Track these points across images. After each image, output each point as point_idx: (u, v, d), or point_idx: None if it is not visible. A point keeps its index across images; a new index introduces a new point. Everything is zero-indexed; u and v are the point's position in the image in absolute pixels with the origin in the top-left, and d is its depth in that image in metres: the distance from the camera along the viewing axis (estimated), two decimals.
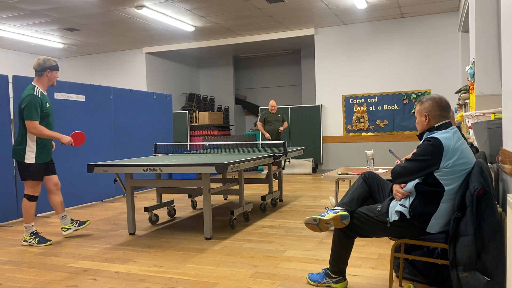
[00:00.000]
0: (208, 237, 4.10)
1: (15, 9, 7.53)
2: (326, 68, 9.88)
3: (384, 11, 8.67)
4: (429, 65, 9.07)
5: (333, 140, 9.86)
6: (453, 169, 2.30)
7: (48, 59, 4.08)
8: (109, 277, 3.12)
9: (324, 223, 2.53)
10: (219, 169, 3.73)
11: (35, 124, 3.91)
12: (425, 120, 2.47)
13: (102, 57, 11.80)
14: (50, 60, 4.09)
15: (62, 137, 4.07)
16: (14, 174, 5.19)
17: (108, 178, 6.45)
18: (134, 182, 4.39)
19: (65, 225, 4.37)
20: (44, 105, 4.00)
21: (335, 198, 4.40)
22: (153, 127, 7.80)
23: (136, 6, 7.65)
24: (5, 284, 3.03)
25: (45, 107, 4.02)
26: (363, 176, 2.80)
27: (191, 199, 5.84)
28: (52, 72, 4.08)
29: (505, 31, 2.35)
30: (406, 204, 2.41)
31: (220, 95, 13.46)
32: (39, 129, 3.93)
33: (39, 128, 3.93)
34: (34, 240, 4.10)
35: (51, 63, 4.08)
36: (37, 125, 3.93)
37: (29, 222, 4.13)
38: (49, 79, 4.10)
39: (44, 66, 4.04)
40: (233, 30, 9.78)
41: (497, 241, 2.12)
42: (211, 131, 11.53)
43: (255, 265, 3.28)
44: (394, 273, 2.85)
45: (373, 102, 9.51)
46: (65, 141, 4.09)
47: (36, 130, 3.92)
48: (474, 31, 4.83)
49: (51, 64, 4.07)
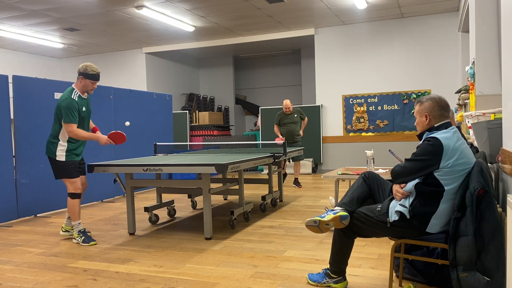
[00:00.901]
0: (208, 237, 4.10)
1: (15, 9, 7.53)
2: (326, 68, 9.88)
3: (384, 11, 8.67)
4: (429, 65, 9.08)
5: (333, 140, 9.86)
6: (453, 169, 2.30)
7: (89, 66, 4.09)
8: (109, 277, 3.12)
9: (324, 224, 2.53)
10: (219, 169, 3.73)
11: (72, 127, 3.98)
12: (425, 120, 2.47)
13: (102, 57, 11.80)
14: (90, 67, 4.09)
15: (99, 138, 4.13)
16: (14, 174, 5.19)
17: (108, 178, 6.45)
18: (134, 182, 4.39)
19: (67, 226, 4.38)
20: (80, 109, 4.08)
21: (335, 198, 4.40)
22: (153, 127, 7.80)
23: (136, 6, 7.65)
24: (5, 284, 3.03)
25: (81, 110, 4.09)
26: (363, 176, 2.80)
27: (191, 199, 5.84)
28: (84, 79, 4.09)
29: (505, 31, 2.35)
30: (406, 204, 2.41)
31: (220, 95, 13.46)
32: (76, 132, 4.00)
33: (76, 131, 4.00)
34: (80, 238, 4.10)
35: (86, 71, 4.07)
36: (75, 128, 3.99)
37: (76, 219, 4.14)
38: (82, 85, 4.12)
39: (80, 71, 4.09)
40: (233, 30, 9.79)
41: (497, 241, 2.12)
42: (211, 131, 11.53)
43: (255, 265, 3.28)
44: (394, 273, 2.85)
45: (373, 102, 9.51)
46: (103, 141, 4.14)
47: (73, 133, 3.99)
48: (474, 31, 4.83)
49: (86, 72, 4.07)
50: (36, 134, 5.45)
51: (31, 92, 5.43)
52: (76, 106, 4.00)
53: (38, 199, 5.48)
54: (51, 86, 5.72)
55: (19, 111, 5.27)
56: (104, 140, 4.14)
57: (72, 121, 3.97)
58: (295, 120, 7.53)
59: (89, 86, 4.13)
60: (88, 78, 4.08)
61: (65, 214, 5.64)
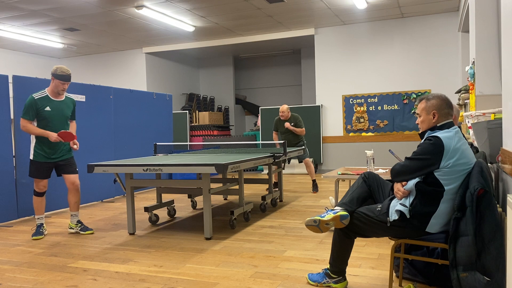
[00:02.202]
0: (208, 237, 4.10)
1: (15, 9, 7.53)
2: (326, 68, 9.88)
3: (384, 11, 8.67)
4: (429, 65, 9.08)
5: (333, 140, 9.86)
6: (453, 169, 2.30)
7: (59, 68, 4.24)
8: (109, 277, 3.12)
9: (324, 223, 2.53)
10: (219, 169, 3.73)
11: (22, 121, 4.21)
12: (432, 118, 2.44)
13: (102, 57, 11.80)
14: (60, 69, 4.24)
15: (49, 134, 4.23)
16: (14, 174, 5.19)
17: (108, 178, 6.45)
18: (134, 182, 4.39)
19: (72, 223, 4.55)
20: (41, 108, 4.23)
21: (335, 198, 4.40)
22: (153, 127, 7.80)
23: (136, 6, 7.65)
24: (5, 284, 3.03)
25: (43, 109, 4.24)
26: (363, 176, 2.80)
27: (191, 199, 5.84)
28: (55, 80, 4.25)
29: (505, 31, 2.35)
30: (407, 203, 2.41)
31: (220, 95, 13.46)
32: (27, 127, 4.22)
33: (26, 126, 4.21)
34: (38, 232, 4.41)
35: (56, 71, 4.23)
36: (26, 123, 4.20)
37: (37, 214, 4.46)
38: (54, 86, 4.28)
39: (51, 72, 4.25)
40: (233, 30, 9.79)
41: (497, 241, 2.12)
42: (211, 131, 11.53)
43: (255, 265, 3.28)
44: (394, 273, 2.85)
45: (373, 102, 9.51)
46: (52, 138, 4.23)
47: (24, 127, 4.22)
48: (474, 31, 4.83)
49: (56, 72, 4.23)
50: None
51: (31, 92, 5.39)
52: (34, 104, 4.20)
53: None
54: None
55: (19, 111, 5.26)
56: (54, 137, 4.22)
57: (23, 116, 4.20)
58: None
59: (60, 86, 4.27)
60: (58, 78, 4.24)
61: (65, 214, 5.65)
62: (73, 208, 4.52)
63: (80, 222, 4.55)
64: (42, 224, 4.48)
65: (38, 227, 4.45)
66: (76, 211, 4.53)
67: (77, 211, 4.54)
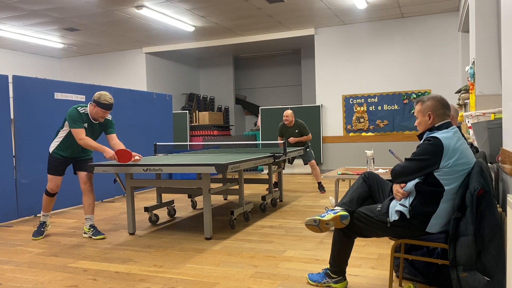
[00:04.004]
0: (208, 237, 4.10)
1: (15, 9, 7.53)
2: (326, 68, 9.88)
3: (384, 11, 8.67)
4: (429, 65, 9.07)
5: (333, 140, 9.86)
6: (453, 169, 2.30)
7: (103, 95, 4.18)
8: (109, 277, 3.12)
9: (324, 223, 2.53)
10: (219, 169, 3.73)
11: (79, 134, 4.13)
12: (428, 120, 2.45)
13: (102, 57, 11.80)
14: (104, 97, 4.17)
15: (105, 150, 4.15)
16: (14, 174, 5.19)
17: (108, 178, 6.45)
18: (134, 182, 4.39)
19: (85, 228, 4.42)
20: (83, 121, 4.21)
21: (335, 198, 4.40)
22: (153, 127, 7.80)
23: (136, 6, 7.65)
24: (5, 284, 3.03)
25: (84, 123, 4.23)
26: (363, 176, 2.80)
27: (191, 199, 5.84)
28: (96, 107, 4.19)
29: (505, 31, 2.35)
30: (406, 203, 2.41)
31: (220, 95, 13.46)
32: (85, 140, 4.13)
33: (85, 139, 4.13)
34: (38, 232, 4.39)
35: (99, 99, 4.16)
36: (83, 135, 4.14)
37: (44, 211, 4.43)
38: (94, 112, 4.23)
39: (94, 98, 4.20)
40: (233, 30, 9.78)
41: (497, 241, 2.12)
42: (211, 131, 11.53)
43: (255, 265, 3.28)
44: (394, 273, 2.85)
45: (373, 102, 9.51)
46: (108, 155, 4.16)
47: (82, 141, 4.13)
48: (474, 31, 4.83)
49: (99, 100, 4.16)
50: (36, 134, 5.45)
51: (31, 92, 5.43)
52: (78, 115, 4.16)
53: (38, 199, 5.46)
54: (51, 86, 5.72)
55: (19, 111, 5.27)
56: (110, 155, 4.16)
57: (75, 126, 4.13)
58: (296, 135, 6.83)
59: (100, 113, 4.23)
60: (100, 106, 4.18)
61: (65, 214, 5.65)
62: (87, 211, 4.37)
63: (92, 227, 4.37)
64: (45, 222, 4.43)
65: (40, 225, 4.41)
66: (90, 214, 4.37)
67: (91, 214, 4.38)
